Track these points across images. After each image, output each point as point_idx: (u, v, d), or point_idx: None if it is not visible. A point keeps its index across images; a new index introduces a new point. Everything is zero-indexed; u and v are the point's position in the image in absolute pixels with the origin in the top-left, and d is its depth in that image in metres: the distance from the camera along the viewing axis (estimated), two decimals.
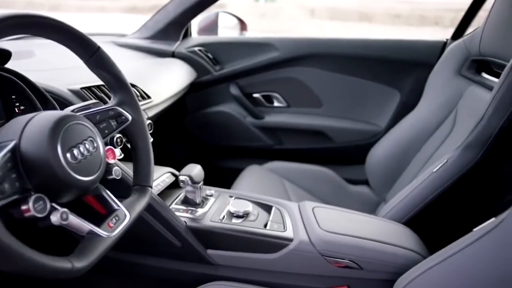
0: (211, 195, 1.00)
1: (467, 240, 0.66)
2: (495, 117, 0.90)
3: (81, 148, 0.53)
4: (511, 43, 0.97)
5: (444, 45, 1.55)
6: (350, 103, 1.72)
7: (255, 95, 1.79)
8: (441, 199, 0.98)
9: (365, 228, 0.90)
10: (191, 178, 0.90)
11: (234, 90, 1.76)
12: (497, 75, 0.95)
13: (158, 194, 0.91)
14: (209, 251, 0.89)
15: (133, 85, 1.11)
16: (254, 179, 1.44)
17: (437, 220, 1.03)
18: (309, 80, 1.73)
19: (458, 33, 1.56)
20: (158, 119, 1.38)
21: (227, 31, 1.88)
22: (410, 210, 1.01)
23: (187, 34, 1.78)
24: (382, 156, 1.40)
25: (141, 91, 1.11)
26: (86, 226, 0.53)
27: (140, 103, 1.09)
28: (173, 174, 1.04)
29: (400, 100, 1.64)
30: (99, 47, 0.64)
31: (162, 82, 1.35)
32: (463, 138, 0.97)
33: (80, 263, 0.49)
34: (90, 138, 0.56)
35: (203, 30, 1.87)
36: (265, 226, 0.90)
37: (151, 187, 0.71)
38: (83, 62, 0.65)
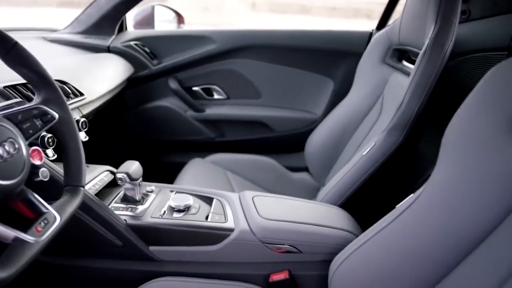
0: (151, 191, 0.98)
1: (391, 217, 0.70)
2: (412, 101, 0.95)
3: (0, 151, 0.50)
4: (423, 33, 1.03)
5: (370, 35, 1.62)
6: (287, 93, 1.75)
7: (195, 88, 1.77)
8: (371, 180, 1.04)
9: (303, 213, 0.92)
10: (128, 175, 0.88)
11: (173, 84, 1.73)
12: (414, 63, 1.01)
13: (97, 194, 0.88)
14: (152, 248, 0.88)
15: (63, 82, 1.05)
16: (197, 172, 1.43)
17: (369, 200, 1.08)
18: (247, 72, 1.74)
19: (382, 24, 1.63)
20: (95, 116, 1.32)
21: (164, 25, 1.84)
22: (344, 192, 1.05)
23: (122, 28, 1.72)
24: (319, 143, 1.44)
25: (73, 88, 1.06)
26: (10, 233, 0.50)
27: (72, 100, 1.05)
28: (112, 172, 1.01)
29: (333, 88, 1.70)
30: (16, 43, 0.60)
31: (96, 78, 1.30)
32: (388, 122, 1.02)
33: (3, 273, 0.46)
34: (10, 140, 0.53)
35: (139, 24, 1.81)
36: (207, 218, 0.90)
37: (83, 186, 0.68)
38: (0, 59, 0.60)
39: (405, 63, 1.27)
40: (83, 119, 0.85)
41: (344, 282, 0.74)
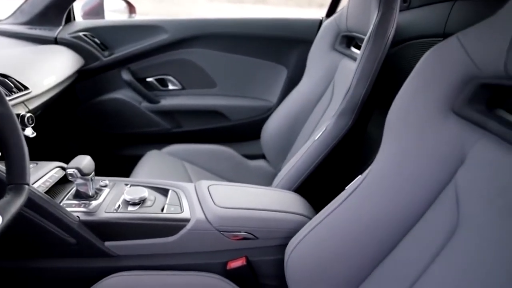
0: (105, 186, 0.94)
1: (341, 199, 0.72)
2: (359, 86, 0.98)
3: None
4: (368, 19, 1.05)
5: (320, 22, 1.64)
6: (242, 81, 1.74)
7: (149, 79, 1.73)
8: (324, 164, 1.05)
9: (258, 200, 0.93)
10: (79, 170, 0.84)
11: (126, 75, 1.68)
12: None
13: (48, 191, 0.85)
14: (107, 243, 0.85)
15: (5, 76, 0.99)
16: (153, 164, 1.40)
17: (322, 184, 1.10)
18: (201, 61, 1.72)
19: (331, 11, 1.65)
20: (44, 111, 1.26)
21: (114, 15, 1.77)
22: (298, 177, 1.06)
23: (70, 19, 1.64)
24: (274, 129, 1.45)
25: (16, 82, 1.00)
26: None
27: (16, 95, 0.99)
28: (63, 168, 0.96)
29: (287, 76, 1.71)
30: None
31: (42, 71, 1.23)
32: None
33: None
34: None
35: (87, 14, 1.74)
36: (162, 210, 0.88)
37: (28, 184, 0.65)
38: None
39: (353, 49, 1.30)
40: (29, 114, 0.80)
41: (298, 264, 0.76)
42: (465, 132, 0.57)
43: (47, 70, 1.27)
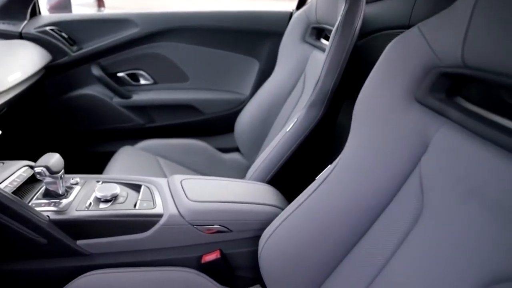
0: (76, 184, 0.92)
1: (312, 188, 0.72)
2: (328, 77, 0.99)
3: None
4: (336, 11, 1.06)
5: (290, 15, 1.64)
6: (214, 75, 1.73)
7: (120, 74, 1.69)
8: (296, 155, 1.06)
9: (231, 192, 0.93)
10: (48, 168, 0.81)
11: (96, 70, 1.64)
12: None
13: (15, 191, 0.82)
14: (79, 242, 0.83)
15: None
16: (126, 160, 1.38)
17: (295, 175, 1.11)
18: (173, 55, 1.69)
19: (301, 3, 1.66)
20: (10, 108, 1.22)
21: (82, 9, 1.72)
22: (271, 169, 1.07)
23: (35, 13, 1.58)
24: (248, 122, 1.45)
25: None
26: None
27: None
28: (31, 167, 0.93)
29: (259, 68, 1.71)
30: None
31: (6, 67, 1.19)
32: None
33: None
34: None
35: (54, 8, 1.69)
36: (135, 206, 0.87)
37: None
38: None
39: (323, 40, 1.31)
40: None
41: (272, 255, 0.76)
42: (427, 120, 0.58)
43: (12, 66, 1.23)
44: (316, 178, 0.73)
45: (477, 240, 0.45)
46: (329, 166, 0.71)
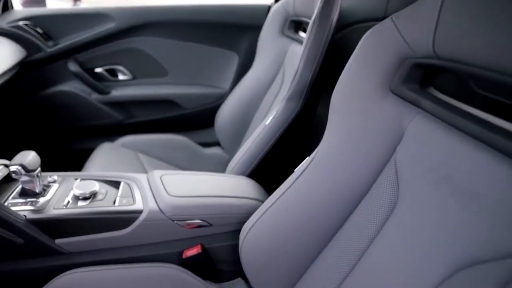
0: (53, 182, 0.90)
1: (291, 180, 0.72)
2: (306, 69, 0.99)
3: None
4: (313, 3, 1.06)
5: (269, 8, 1.63)
6: (194, 69, 1.71)
7: (98, 69, 1.66)
8: (276, 147, 1.06)
9: (211, 187, 0.92)
10: (23, 166, 0.79)
11: (73, 66, 1.60)
12: None
13: None
14: (58, 241, 0.82)
15: None
16: (106, 157, 1.36)
17: (275, 167, 1.11)
18: (152, 50, 1.67)
19: None
20: None
21: (57, 3, 1.68)
22: (251, 162, 1.07)
23: (7, 7, 1.54)
24: (228, 116, 1.44)
25: None
26: None
27: None
28: (6, 166, 0.91)
29: (239, 62, 1.70)
30: None
31: None
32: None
33: None
34: None
35: (27, 3, 1.64)
36: (114, 203, 0.86)
37: None
38: None
39: (301, 33, 1.31)
40: None
41: (252, 248, 0.76)
42: (402, 110, 0.59)
43: None
44: (295, 170, 0.73)
45: (449, 226, 0.46)
46: (307, 158, 0.72)
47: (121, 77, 1.70)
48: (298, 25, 1.31)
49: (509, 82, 0.42)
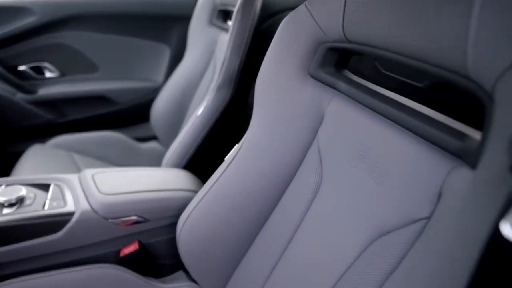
0: None
1: (222, 168, 0.72)
2: (233, 58, 0.98)
3: None
4: None
5: None
6: (125, 63, 1.64)
7: (21, 67, 1.53)
8: (209, 137, 1.05)
9: (146, 181, 0.89)
10: None
11: None
12: None
13: None
14: None
15: None
16: (37, 159, 1.26)
17: (210, 157, 1.10)
18: (79, 44, 1.57)
19: None
20: None
21: None
22: (185, 154, 1.04)
23: None
24: (163, 109, 1.40)
25: None
26: None
27: None
28: None
29: (170, 54, 1.65)
30: None
31: None
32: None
33: None
34: None
35: None
36: (44, 207, 0.80)
37: None
38: None
39: (229, 23, 1.29)
40: None
41: (190, 239, 0.75)
42: (321, 93, 0.60)
43: None
44: (225, 158, 0.73)
45: (366, 201, 0.48)
46: (236, 146, 0.71)
47: (48, 74, 1.58)
48: (226, 15, 1.30)
49: (410, 64, 0.43)
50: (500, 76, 0.30)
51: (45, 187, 0.87)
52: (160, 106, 1.42)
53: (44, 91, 1.55)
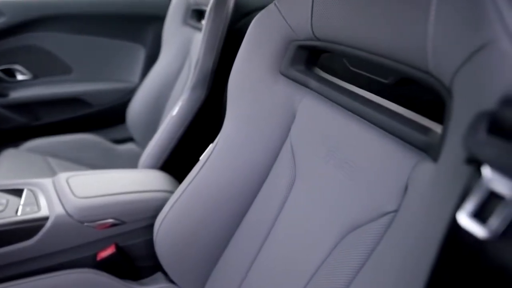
0: None
1: (197, 168, 0.71)
2: (207, 58, 0.97)
3: None
4: None
5: None
6: (99, 64, 1.61)
7: None
8: (185, 137, 1.04)
9: (121, 184, 0.88)
10: None
11: None
12: None
13: None
14: None
15: None
16: (10, 165, 1.23)
17: (186, 158, 1.09)
18: (51, 46, 1.53)
19: None
20: None
21: None
22: (161, 154, 1.03)
23: None
24: (139, 110, 1.38)
25: None
26: None
27: None
28: None
29: (145, 55, 1.63)
30: None
31: None
32: None
33: None
34: None
35: None
36: (17, 212, 0.78)
37: None
38: None
39: (204, 22, 1.28)
40: None
41: (167, 240, 0.74)
42: (293, 91, 0.60)
43: None
44: (200, 158, 0.72)
45: (337, 196, 0.48)
46: (211, 145, 0.71)
47: (20, 77, 1.53)
48: (200, 14, 1.29)
49: (376, 61, 0.44)
50: (456, 71, 0.31)
51: (18, 192, 0.85)
52: (136, 107, 1.40)
53: (16, 94, 1.51)
